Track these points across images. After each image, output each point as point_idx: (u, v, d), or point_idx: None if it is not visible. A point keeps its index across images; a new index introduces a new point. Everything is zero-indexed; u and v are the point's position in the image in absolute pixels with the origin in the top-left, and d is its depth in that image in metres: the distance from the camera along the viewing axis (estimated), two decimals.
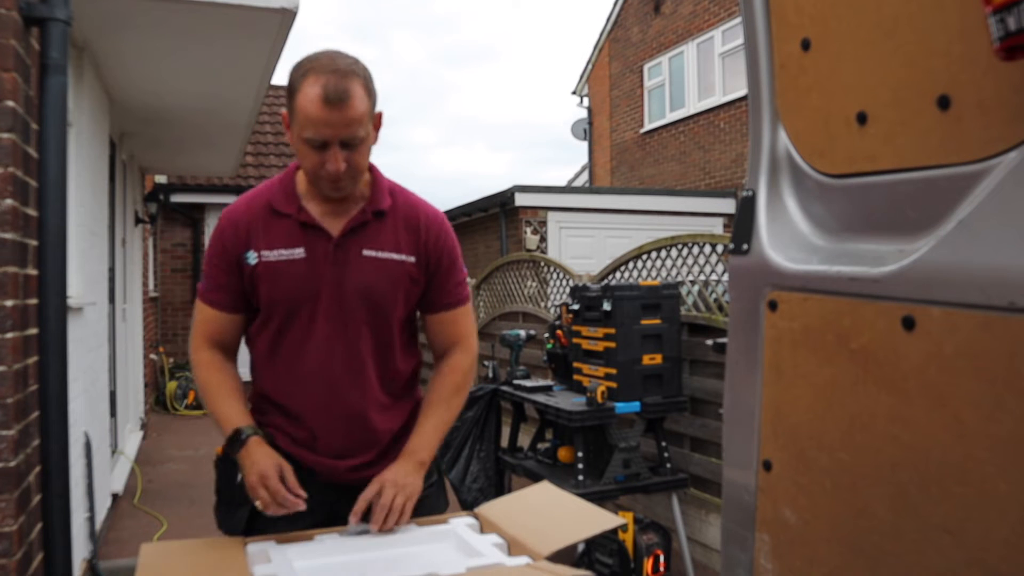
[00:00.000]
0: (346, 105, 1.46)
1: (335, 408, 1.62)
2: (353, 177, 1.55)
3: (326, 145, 1.48)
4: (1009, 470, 0.84)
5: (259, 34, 3.71)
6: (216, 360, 1.65)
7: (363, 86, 1.50)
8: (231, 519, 1.63)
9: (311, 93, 1.46)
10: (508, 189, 9.44)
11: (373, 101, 1.54)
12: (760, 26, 1.27)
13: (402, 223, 1.65)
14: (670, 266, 4.32)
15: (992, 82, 0.87)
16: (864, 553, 1.03)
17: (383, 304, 1.62)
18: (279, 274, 1.58)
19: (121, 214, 5.86)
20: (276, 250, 1.59)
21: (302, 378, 1.62)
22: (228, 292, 1.63)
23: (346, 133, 1.48)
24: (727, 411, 1.33)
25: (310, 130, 1.47)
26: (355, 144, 1.50)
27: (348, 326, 1.61)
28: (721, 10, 10.84)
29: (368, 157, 1.58)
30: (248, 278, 1.61)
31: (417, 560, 1.40)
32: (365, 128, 1.51)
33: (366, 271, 1.60)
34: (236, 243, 1.61)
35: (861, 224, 1.11)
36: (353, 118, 1.47)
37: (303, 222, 1.59)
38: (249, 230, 1.61)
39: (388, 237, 1.63)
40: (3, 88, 2.14)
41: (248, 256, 1.60)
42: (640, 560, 3.32)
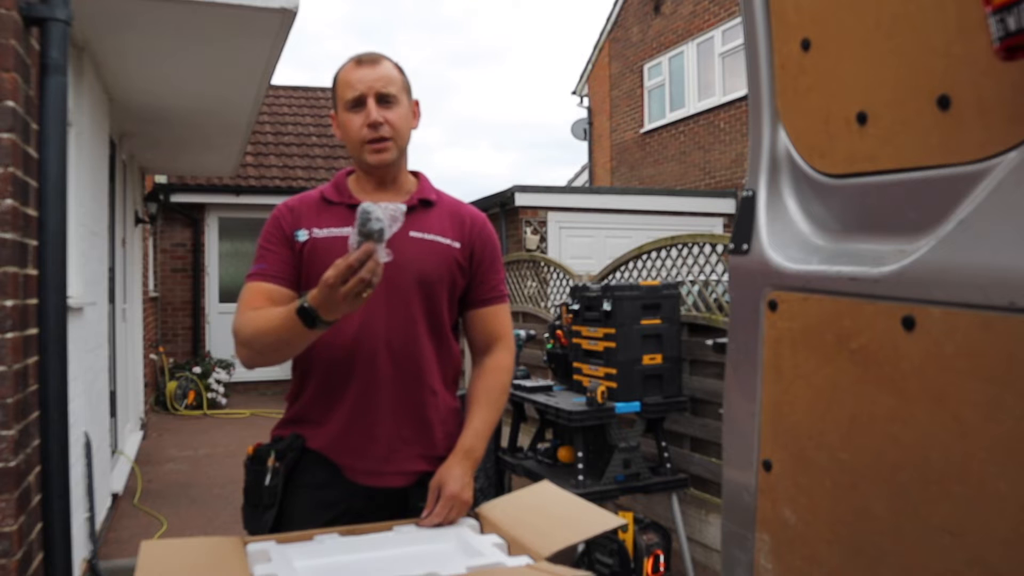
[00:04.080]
0: (377, 64, 1.65)
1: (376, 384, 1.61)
2: (395, 139, 1.64)
3: (363, 101, 1.62)
4: (1009, 470, 0.84)
5: (259, 34, 3.71)
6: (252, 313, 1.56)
7: (395, 65, 1.70)
8: (258, 521, 1.62)
9: (347, 66, 1.66)
10: (508, 189, 9.44)
11: (406, 80, 1.71)
12: (760, 26, 1.27)
13: (448, 214, 1.73)
14: (670, 266, 4.32)
15: (992, 82, 0.87)
16: (864, 553, 1.03)
17: (432, 283, 1.66)
18: (329, 250, 1.59)
19: (121, 214, 5.86)
20: (327, 228, 1.65)
21: (345, 355, 1.61)
22: (281, 265, 1.64)
23: (379, 86, 1.62)
24: (727, 411, 1.33)
25: (348, 91, 1.63)
26: (390, 101, 1.63)
27: (396, 304, 1.62)
28: (721, 10, 10.84)
29: (406, 123, 1.68)
30: (298, 256, 1.64)
31: (417, 560, 1.40)
32: (398, 89, 1.65)
33: (414, 250, 1.64)
34: (289, 220, 1.67)
35: (861, 224, 1.11)
36: (384, 74, 1.64)
37: (352, 204, 1.64)
38: (301, 213, 1.68)
39: (435, 223, 1.70)
40: (3, 88, 2.14)
41: (299, 234, 1.65)
42: (640, 560, 3.32)
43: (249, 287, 1.64)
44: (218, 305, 10.35)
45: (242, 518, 1.68)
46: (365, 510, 1.62)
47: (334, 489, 1.62)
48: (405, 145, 1.70)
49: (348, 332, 1.61)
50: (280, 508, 1.61)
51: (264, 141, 11.31)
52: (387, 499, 1.64)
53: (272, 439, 1.69)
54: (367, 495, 1.63)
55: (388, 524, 1.54)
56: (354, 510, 1.62)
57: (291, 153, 11.27)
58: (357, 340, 1.61)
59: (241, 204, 10.11)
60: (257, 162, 10.81)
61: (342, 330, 1.59)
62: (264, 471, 1.60)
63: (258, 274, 1.64)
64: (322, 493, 1.62)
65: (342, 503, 1.62)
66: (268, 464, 1.61)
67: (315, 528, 1.51)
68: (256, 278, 1.64)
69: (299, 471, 1.63)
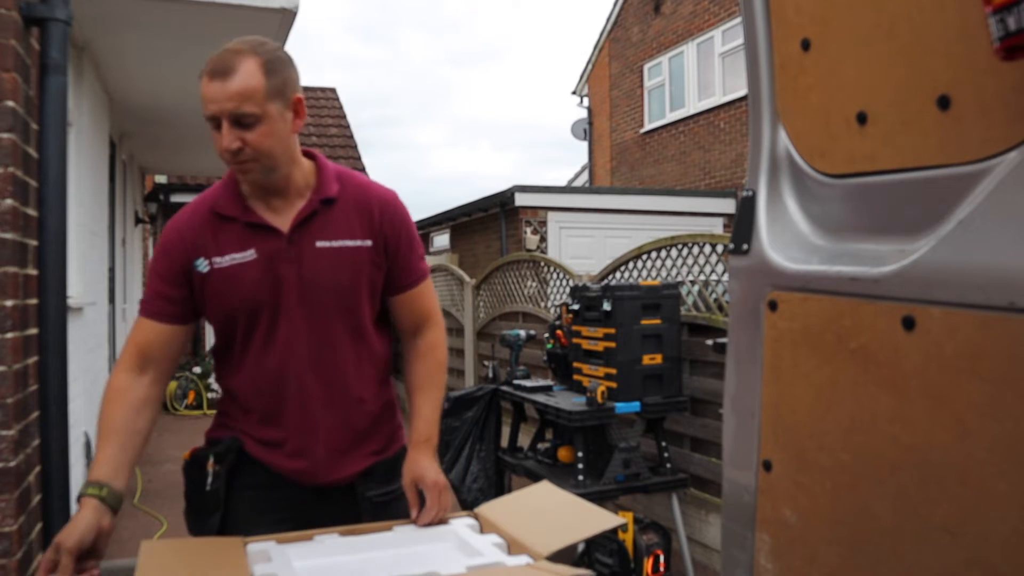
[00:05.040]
0: (228, 79, 1.41)
1: (307, 401, 1.59)
2: (258, 160, 1.47)
3: (219, 122, 1.44)
4: (1009, 470, 0.84)
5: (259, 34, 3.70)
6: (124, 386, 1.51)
7: (258, 64, 1.44)
8: (203, 525, 1.59)
9: (204, 71, 1.45)
10: (508, 189, 9.44)
11: (277, 81, 1.46)
12: (760, 26, 1.27)
13: (353, 208, 1.60)
14: (670, 266, 4.32)
15: (992, 82, 0.87)
16: (864, 553, 1.03)
17: (347, 293, 1.58)
18: (234, 279, 1.53)
19: (121, 214, 5.87)
20: (228, 255, 1.54)
21: (272, 380, 1.57)
22: (172, 303, 1.55)
23: (230, 107, 1.41)
24: (727, 411, 1.33)
25: (204, 106, 1.44)
26: (248, 122, 1.43)
27: (315, 321, 1.57)
28: (721, 10, 10.84)
29: (277, 140, 1.48)
30: (199, 287, 1.55)
31: (417, 560, 1.40)
32: (258, 106, 1.43)
33: (323, 263, 1.56)
34: (183, 252, 1.54)
35: (861, 224, 1.11)
36: (236, 91, 1.41)
37: (250, 223, 1.54)
38: (196, 238, 1.55)
39: (340, 224, 1.58)
40: (3, 88, 2.14)
41: (198, 264, 1.54)
42: (640, 560, 3.32)
43: (140, 323, 1.57)
44: None
45: (185, 524, 1.66)
46: (313, 506, 1.62)
47: (280, 489, 1.61)
48: (279, 156, 1.50)
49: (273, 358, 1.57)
50: (225, 510, 1.59)
51: None
52: (334, 493, 1.64)
53: (208, 441, 1.66)
54: (314, 492, 1.63)
55: (388, 524, 1.54)
56: (301, 506, 1.62)
57: None
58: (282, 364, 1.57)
59: None
60: None
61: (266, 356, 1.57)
62: (204, 475, 1.57)
63: (148, 310, 1.56)
64: (267, 493, 1.61)
65: (288, 501, 1.61)
66: (208, 468, 1.58)
67: (263, 527, 1.50)
68: (142, 311, 1.57)
69: (241, 473, 1.61)
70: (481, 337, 6.80)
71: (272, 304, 1.55)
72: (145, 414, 1.52)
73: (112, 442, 1.46)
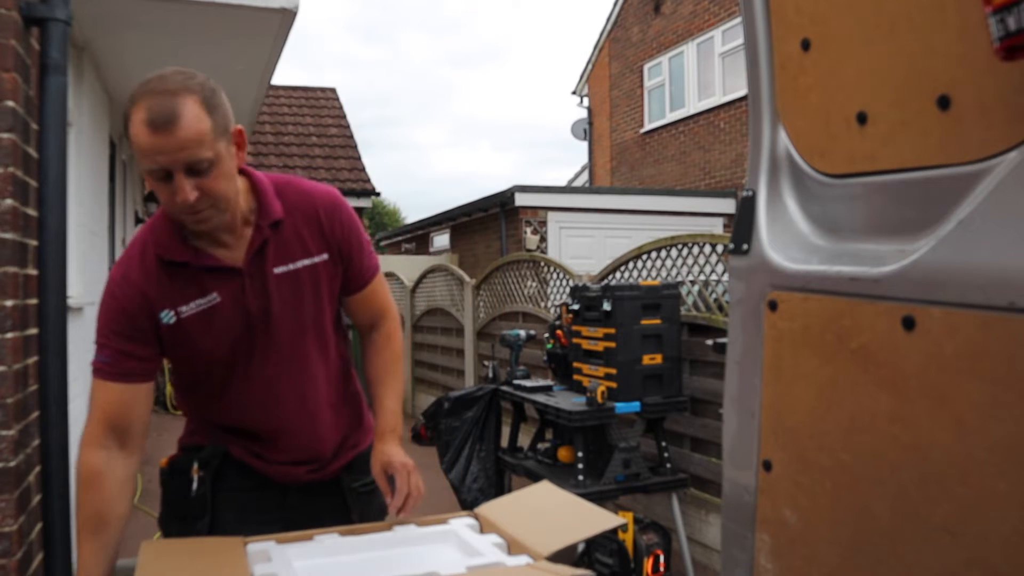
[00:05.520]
0: (175, 126, 1.29)
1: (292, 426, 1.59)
2: (216, 206, 1.38)
3: (169, 175, 1.32)
4: (1009, 470, 0.84)
5: (259, 34, 3.71)
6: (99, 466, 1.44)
7: (199, 103, 1.33)
8: (189, 531, 1.56)
9: (137, 120, 1.31)
10: (508, 189, 9.45)
11: (219, 117, 1.36)
12: (760, 26, 1.27)
13: (302, 222, 1.53)
14: (670, 266, 4.32)
15: (992, 82, 0.88)
16: (864, 553, 1.03)
17: (313, 313, 1.56)
18: (204, 324, 1.48)
19: (121, 214, 5.87)
20: (192, 302, 1.47)
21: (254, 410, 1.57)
22: (137, 360, 1.46)
23: (184, 156, 1.30)
24: (727, 411, 1.33)
25: (146, 161, 1.32)
26: (203, 168, 1.33)
27: (288, 347, 1.55)
28: (721, 10, 10.84)
29: (230, 180, 1.40)
30: (168, 338, 1.47)
31: (417, 560, 1.40)
32: (210, 148, 1.33)
33: (285, 290, 1.51)
34: (145, 307, 1.45)
35: (861, 224, 1.11)
36: (187, 139, 1.30)
37: (204, 267, 1.47)
38: (155, 291, 1.46)
39: (294, 245, 1.52)
40: (3, 88, 2.14)
41: (164, 316, 1.46)
42: (640, 560, 3.32)
43: (104, 388, 1.45)
44: None
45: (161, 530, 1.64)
46: (299, 504, 1.64)
47: (265, 489, 1.61)
48: (232, 197, 1.42)
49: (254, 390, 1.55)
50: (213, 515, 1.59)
51: (264, 141, 11.32)
52: (319, 488, 1.66)
53: (183, 449, 1.65)
54: (299, 489, 1.65)
55: (388, 524, 1.54)
56: (288, 505, 1.63)
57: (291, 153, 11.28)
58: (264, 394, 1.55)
59: None
60: (257, 162, 10.81)
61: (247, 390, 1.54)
62: (188, 481, 1.56)
63: (113, 372, 1.45)
64: (253, 494, 1.62)
65: (274, 501, 1.62)
66: (192, 474, 1.57)
67: (250, 528, 1.50)
68: (102, 376, 1.45)
69: (225, 476, 1.61)
70: (481, 337, 6.80)
71: (245, 341, 1.52)
72: (125, 496, 1.47)
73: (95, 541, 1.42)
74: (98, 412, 1.45)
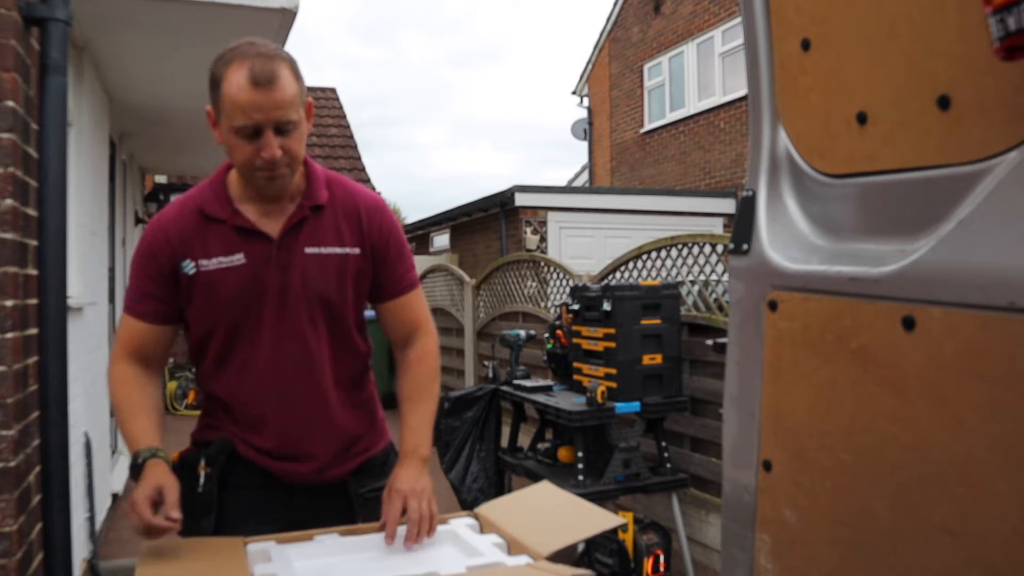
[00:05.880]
0: (275, 86, 1.41)
1: (293, 410, 1.58)
2: (290, 166, 1.48)
3: (259, 132, 1.42)
4: (1009, 470, 0.84)
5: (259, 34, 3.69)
6: (131, 374, 1.54)
7: (290, 69, 1.45)
8: (195, 528, 1.56)
9: (237, 78, 1.40)
10: (508, 189, 9.45)
11: (302, 86, 1.49)
12: (760, 26, 1.27)
13: (342, 214, 1.59)
14: (670, 266, 4.32)
15: (992, 82, 0.88)
16: (864, 553, 1.03)
17: (333, 300, 1.58)
18: (220, 283, 1.51)
19: (121, 214, 5.87)
20: (215, 258, 1.52)
21: (256, 385, 1.57)
22: (157, 302, 1.54)
23: (278, 115, 1.41)
24: (727, 411, 1.33)
25: (240, 117, 1.41)
26: (289, 129, 1.44)
27: (299, 327, 1.56)
28: (721, 10, 10.84)
29: (303, 145, 1.51)
30: (185, 288, 1.53)
31: (417, 560, 1.40)
32: (297, 112, 1.45)
33: (311, 270, 1.55)
34: (168, 252, 1.52)
35: (861, 224, 1.11)
36: (283, 100, 1.42)
37: (238, 226, 1.53)
38: (182, 238, 1.52)
39: (329, 231, 1.57)
40: (3, 88, 2.14)
41: (184, 266, 1.52)
42: (640, 560, 3.32)
43: (127, 322, 1.56)
44: None
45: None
46: (306, 505, 1.63)
47: (272, 489, 1.61)
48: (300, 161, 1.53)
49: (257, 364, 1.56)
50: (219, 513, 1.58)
51: None
52: (326, 491, 1.65)
53: (194, 443, 1.66)
54: (306, 491, 1.64)
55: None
56: (294, 506, 1.62)
57: None
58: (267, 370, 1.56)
59: None
60: None
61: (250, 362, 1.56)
62: (196, 477, 1.56)
63: (129, 307, 1.56)
64: (259, 493, 1.61)
65: (280, 500, 1.61)
66: (199, 470, 1.57)
67: (256, 527, 1.50)
68: (128, 311, 1.57)
69: (232, 473, 1.60)
70: (481, 337, 6.80)
71: (256, 309, 1.54)
72: (156, 393, 1.57)
73: (141, 416, 1.50)
74: (123, 342, 1.57)
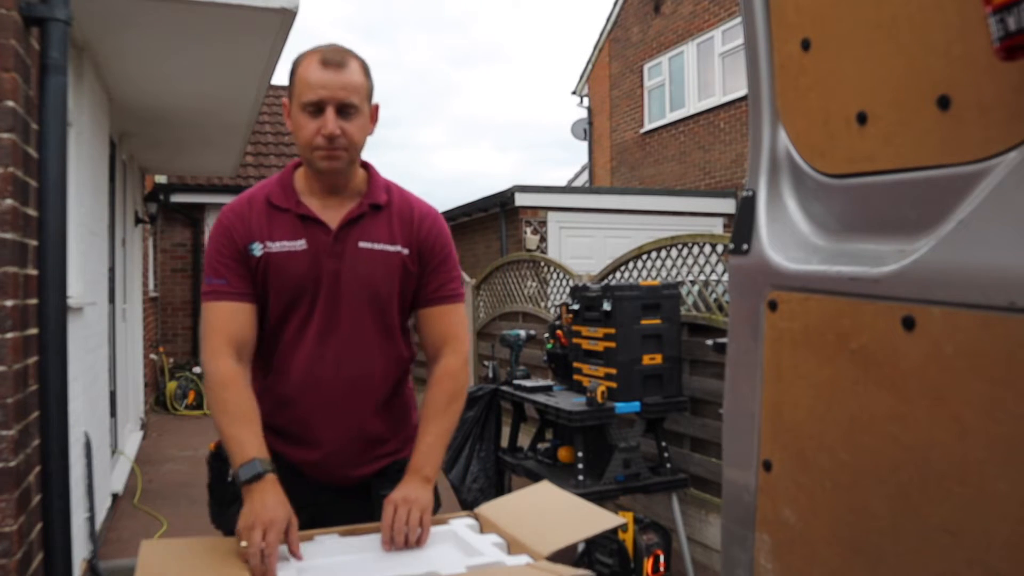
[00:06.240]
0: (343, 69, 1.55)
1: (320, 393, 1.63)
2: (347, 148, 1.57)
3: (322, 108, 1.54)
4: (1009, 470, 0.84)
5: (259, 34, 3.71)
6: (233, 375, 1.56)
7: (360, 64, 1.59)
8: (224, 516, 1.64)
9: (310, 60, 1.56)
10: (508, 189, 9.44)
11: (370, 84, 1.61)
12: (760, 26, 1.27)
13: (397, 216, 1.69)
14: (670, 266, 4.32)
15: (992, 82, 0.87)
16: (864, 553, 1.03)
17: (381, 294, 1.65)
18: (284, 264, 1.61)
19: (121, 214, 5.86)
20: (279, 242, 1.61)
21: (298, 368, 1.63)
22: (243, 281, 1.61)
23: (342, 95, 1.53)
24: (727, 411, 1.33)
25: (308, 93, 1.54)
26: (350, 112, 1.56)
27: (349, 316, 1.63)
28: (721, 10, 10.83)
29: (363, 133, 1.61)
30: (254, 270, 1.62)
31: (417, 560, 1.40)
32: (360, 99, 1.57)
33: (363, 262, 1.63)
34: (244, 235, 1.62)
35: (861, 224, 1.11)
36: (349, 82, 1.55)
37: (302, 215, 1.62)
38: (252, 223, 1.63)
39: (383, 230, 1.66)
40: (3, 88, 2.14)
41: (253, 248, 1.61)
42: (640, 560, 3.32)
43: (215, 308, 1.59)
44: None
45: (209, 515, 1.71)
46: (329, 503, 1.68)
47: (299, 485, 1.62)
48: (358, 153, 1.64)
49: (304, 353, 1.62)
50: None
51: (264, 141, 11.31)
52: (351, 492, 1.70)
53: None
54: (332, 490, 1.69)
55: None
56: (319, 503, 1.66)
57: (291, 153, 11.26)
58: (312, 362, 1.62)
59: None
60: (257, 162, 10.81)
61: (298, 351, 1.63)
62: (227, 467, 1.58)
63: (221, 292, 1.60)
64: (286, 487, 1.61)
65: (307, 497, 1.63)
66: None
67: None
68: (219, 297, 1.60)
69: None
70: (481, 337, 6.79)
71: (312, 294, 1.62)
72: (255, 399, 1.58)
73: (249, 426, 1.52)
74: (220, 332, 1.59)
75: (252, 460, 1.46)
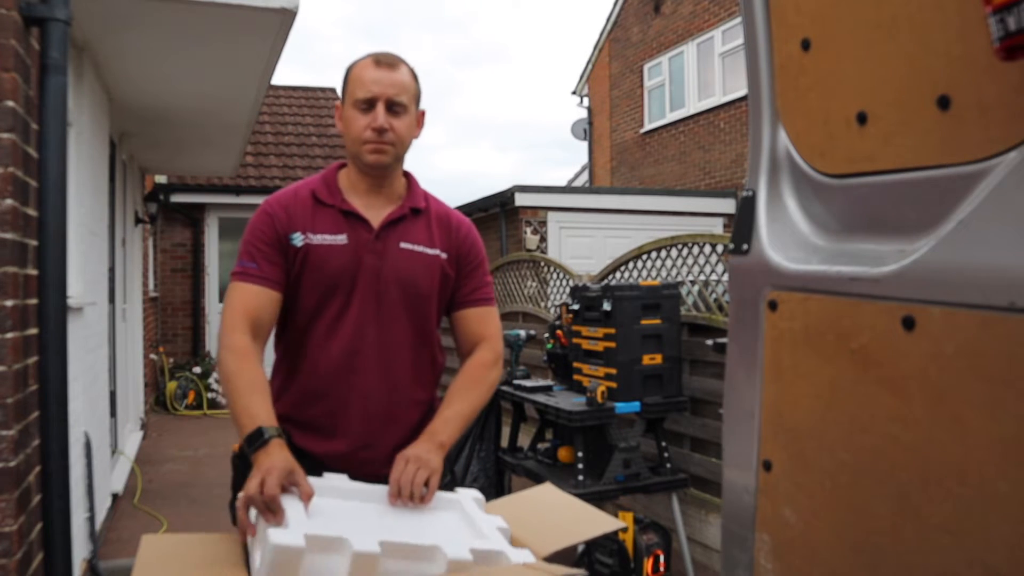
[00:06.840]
0: (395, 68, 1.66)
1: (350, 386, 1.65)
2: (394, 143, 1.65)
3: (373, 104, 1.62)
4: (1009, 470, 0.84)
5: (259, 34, 3.71)
6: (248, 348, 1.58)
7: (410, 69, 1.70)
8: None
9: (365, 63, 1.67)
10: (508, 189, 9.44)
11: (418, 89, 1.72)
12: (760, 26, 1.27)
13: (436, 222, 1.76)
14: (670, 266, 4.32)
15: (992, 82, 0.87)
16: (864, 553, 1.03)
17: (419, 293, 1.70)
18: (325, 256, 1.65)
19: (121, 214, 5.86)
20: (321, 234, 1.66)
21: (332, 360, 1.65)
22: (273, 266, 1.64)
23: (392, 92, 1.63)
24: (727, 411, 1.33)
25: (361, 90, 1.63)
26: (398, 110, 1.64)
27: (385, 315, 1.66)
28: (721, 10, 10.83)
29: (409, 132, 1.69)
30: (292, 260, 1.65)
31: (423, 528, 1.39)
32: (409, 99, 1.66)
33: (403, 262, 1.68)
34: (286, 224, 1.66)
35: (861, 224, 1.11)
36: (399, 81, 1.65)
37: (345, 211, 1.68)
38: (296, 213, 1.67)
39: (423, 233, 1.73)
40: (3, 88, 2.14)
41: (294, 238, 1.65)
42: (640, 560, 3.32)
43: (241, 288, 1.63)
44: (218, 305, 10.34)
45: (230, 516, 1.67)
46: None
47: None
48: (404, 153, 1.71)
49: (338, 346, 1.66)
50: None
51: (264, 141, 11.30)
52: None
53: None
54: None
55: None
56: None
57: (291, 153, 11.27)
58: (346, 355, 1.65)
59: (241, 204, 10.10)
60: (257, 162, 10.80)
61: (332, 343, 1.65)
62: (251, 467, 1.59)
63: (248, 274, 1.64)
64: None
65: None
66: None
67: None
68: (246, 279, 1.63)
69: None
70: None
71: (348, 289, 1.65)
72: (264, 372, 1.60)
73: (259, 395, 1.53)
74: (239, 310, 1.62)
75: (258, 428, 1.47)
